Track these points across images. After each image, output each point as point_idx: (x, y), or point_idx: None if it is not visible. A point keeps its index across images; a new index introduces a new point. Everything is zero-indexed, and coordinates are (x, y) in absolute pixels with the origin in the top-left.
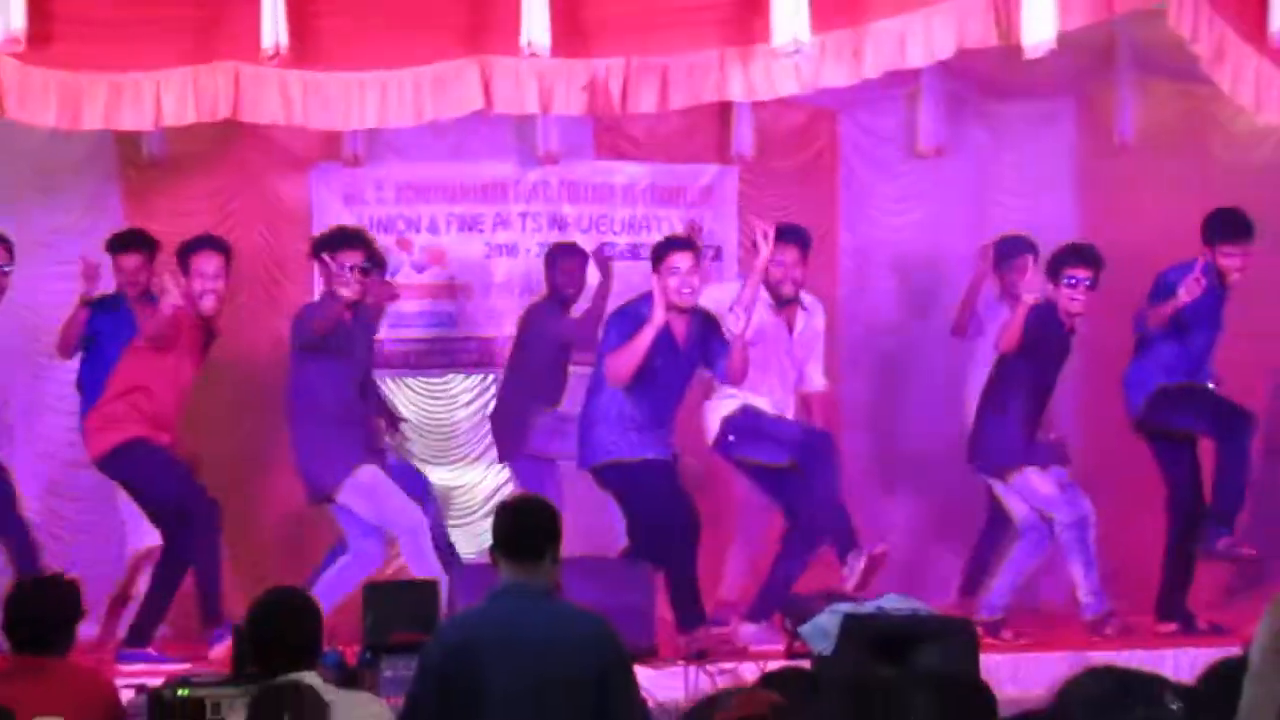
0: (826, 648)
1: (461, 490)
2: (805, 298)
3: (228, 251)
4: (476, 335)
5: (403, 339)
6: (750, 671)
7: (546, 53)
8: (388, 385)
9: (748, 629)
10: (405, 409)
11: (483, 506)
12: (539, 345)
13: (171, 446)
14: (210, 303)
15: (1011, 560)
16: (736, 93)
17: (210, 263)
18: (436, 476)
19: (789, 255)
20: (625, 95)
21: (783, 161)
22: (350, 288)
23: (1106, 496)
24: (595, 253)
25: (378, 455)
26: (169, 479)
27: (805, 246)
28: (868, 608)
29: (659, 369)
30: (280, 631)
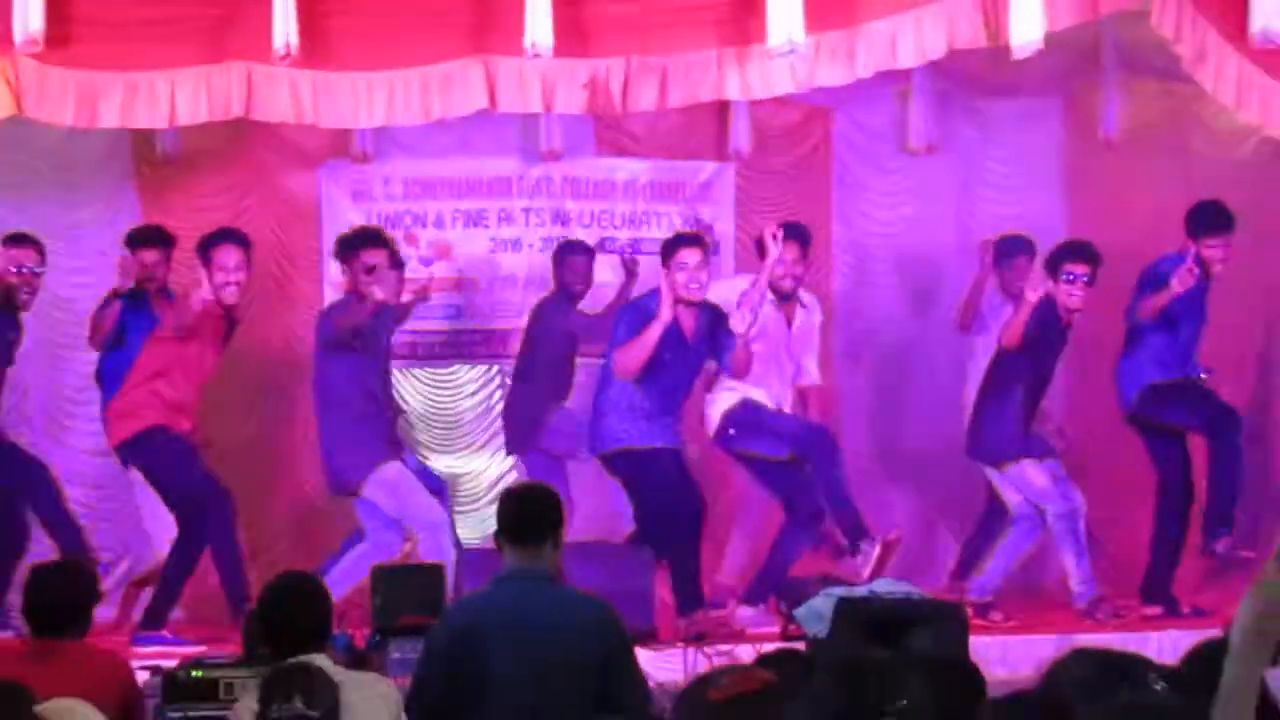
0: (821, 630)
1: (467, 478)
2: (803, 294)
3: (248, 244)
4: (482, 327)
5: (409, 330)
6: (747, 653)
7: (549, 53)
8: (395, 376)
9: (744, 612)
10: (412, 399)
11: (487, 494)
12: (548, 340)
13: (191, 433)
14: (232, 294)
15: (1004, 546)
16: (733, 91)
17: (232, 256)
18: (442, 464)
19: (790, 252)
20: (625, 94)
21: (779, 158)
22: (385, 288)
23: (1095, 485)
24: (621, 254)
25: (399, 450)
26: (185, 467)
27: (806, 244)
28: (861, 591)
29: (668, 362)
30: (291, 615)
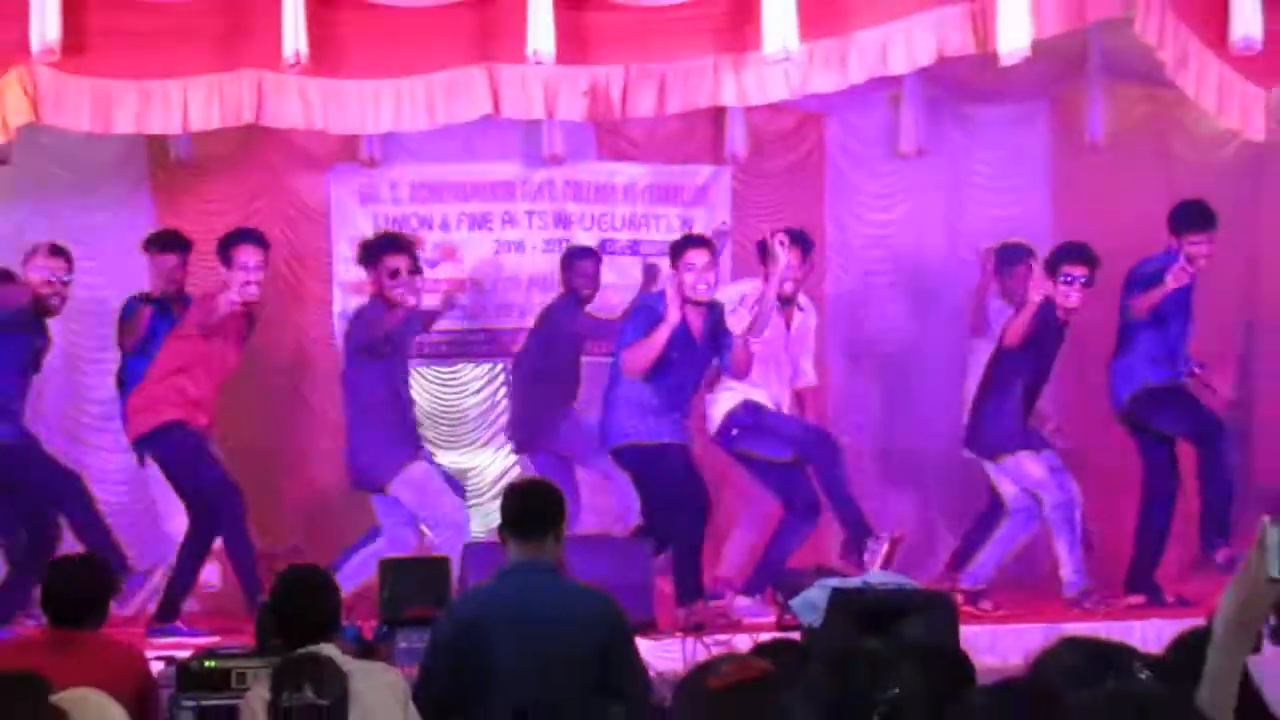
0: (815, 620)
1: (472, 473)
2: (800, 297)
3: (267, 245)
4: (486, 327)
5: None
6: (744, 643)
7: (551, 60)
8: None
9: (742, 602)
10: (419, 397)
11: (491, 489)
12: (557, 343)
13: (208, 428)
14: (253, 293)
15: (999, 537)
16: (730, 97)
17: (253, 256)
18: (448, 460)
19: (792, 257)
20: (625, 100)
21: (774, 162)
22: (415, 294)
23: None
24: (643, 260)
25: (421, 449)
26: (199, 463)
27: (808, 249)
28: (854, 582)
29: (676, 360)
30: (301, 607)
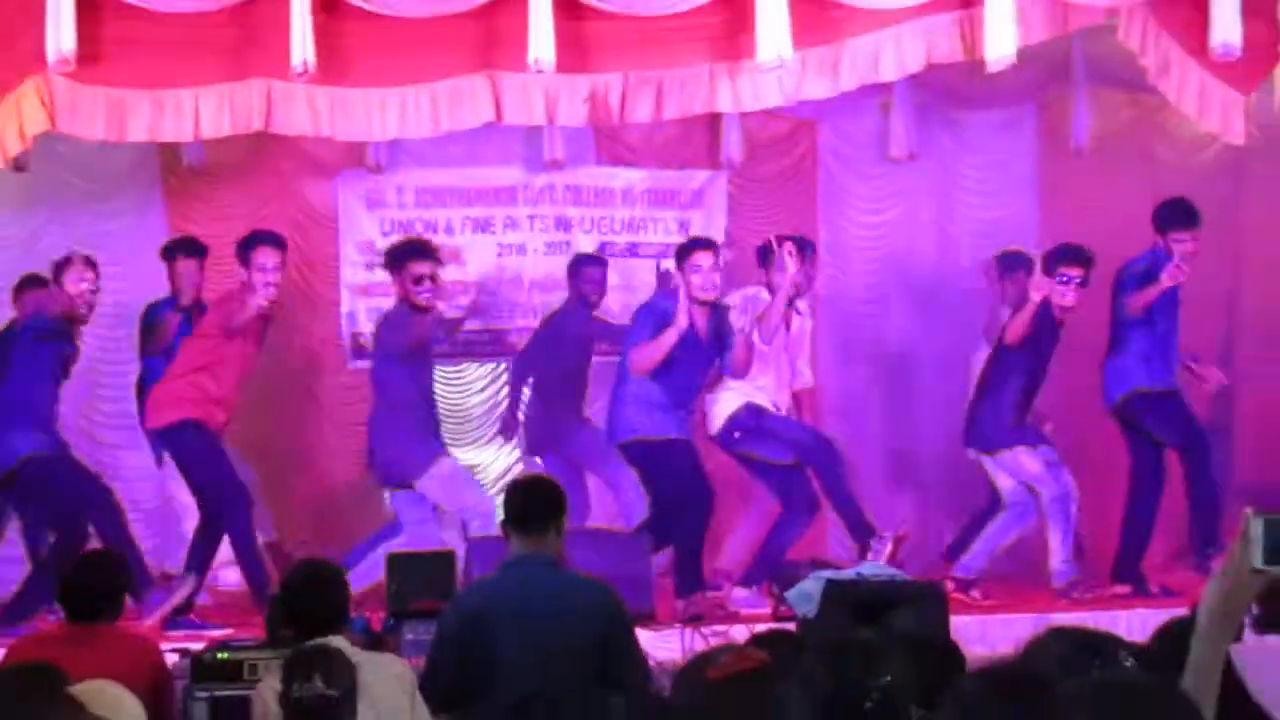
0: (810, 611)
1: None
2: (798, 300)
3: (284, 246)
4: (489, 327)
5: None
6: (741, 634)
7: (551, 68)
8: None
9: (739, 593)
10: None
11: (494, 485)
12: (567, 348)
13: (226, 425)
14: (271, 293)
15: (992, 529)
16: (725, 104)
17: (271, 257)
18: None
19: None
20: (623, 106)
21: (768, 166)
22: (444, 299)
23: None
24: (657, 264)
25: (445, 446)
26: (213, 462)
27: (812, 256)
28: (848, 574)
29: (682, 358)
30: (312, 600)
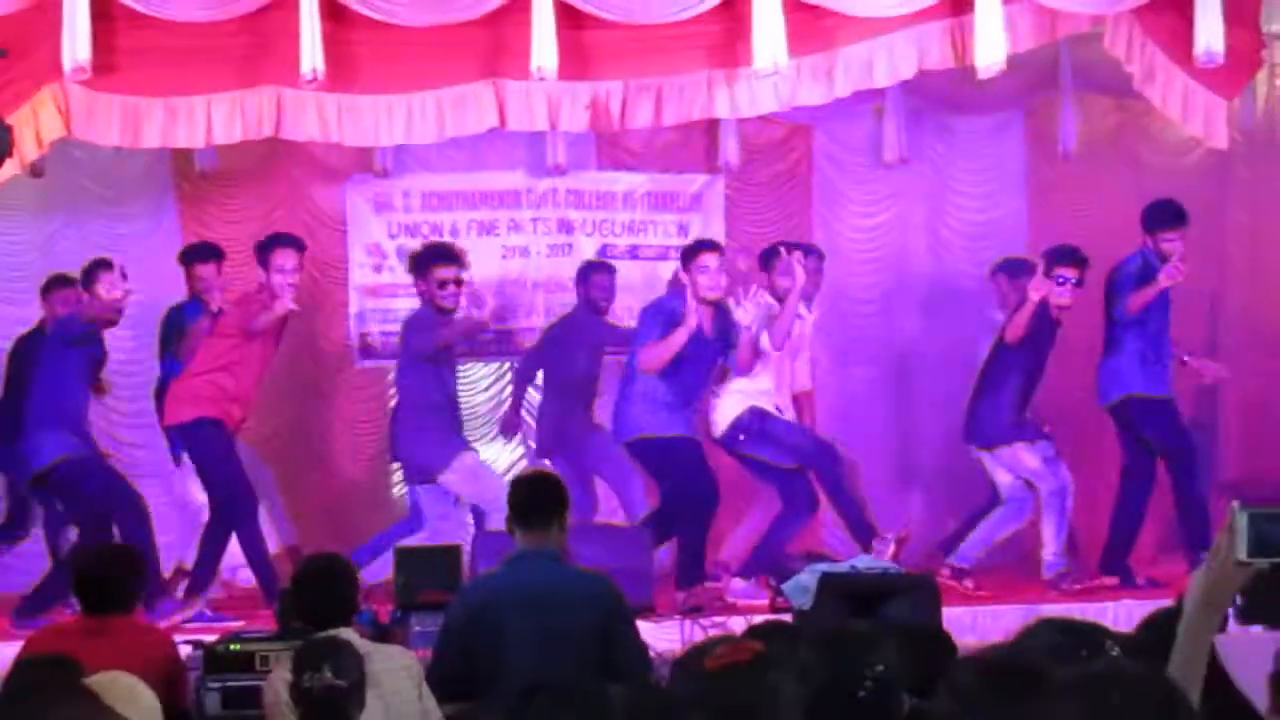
0: (805, 602)
1: None
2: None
3: (303, 248)
4: (494, 327)
5: None
6: (739, 625)
7: (554, 75)
8: None
9: (738, 584)
10: None
11: None
12: (577, 353)
13: (242, 422)
14: (291, 294)
15: (989, 521)
16: (723, 110)
17: (290, 258)
18: None
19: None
20: (624, 112)
21: (764, 170)
22: (474, 303)
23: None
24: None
25: (468, 442)
26: (226, 461)
27: (820, 262)
28: (842, 567)
29: (689, 357)
30: (322, 593)
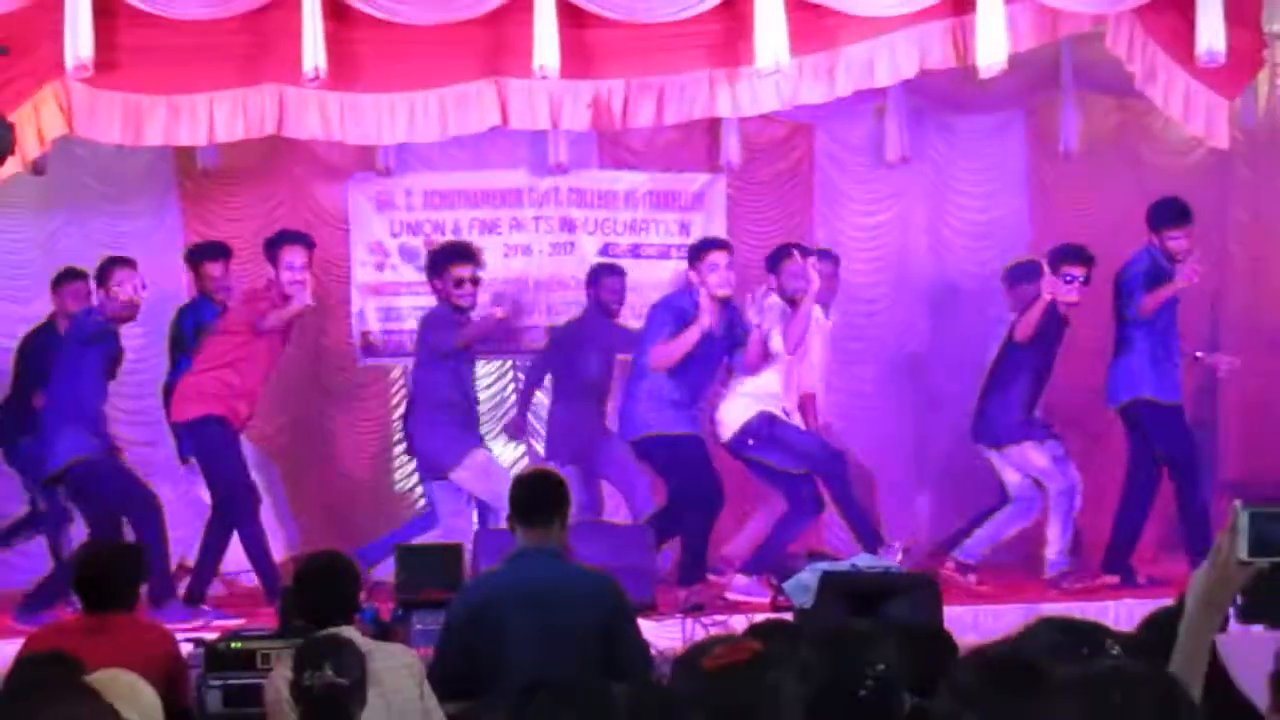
0: (806, 601)
1: None
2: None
3: (312, 245)
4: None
5: None
6: (740, 623)
7: (556, 75)
8: None
9: (740, 581)
10: None
11: None
12: (588, 355)
13: (248, 418)
14: (306, 290)
15: (997, 519)
16: (724, 109)
17: (299, 255)
18: None
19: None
20: (626, 111)
21: (766, 169)
22: (500, 304)
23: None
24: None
25: (481, 439)
26: (229, 459)
27: (835, 266)
28: (843, 565)
29: (695, 355)
30: (323, 591)
